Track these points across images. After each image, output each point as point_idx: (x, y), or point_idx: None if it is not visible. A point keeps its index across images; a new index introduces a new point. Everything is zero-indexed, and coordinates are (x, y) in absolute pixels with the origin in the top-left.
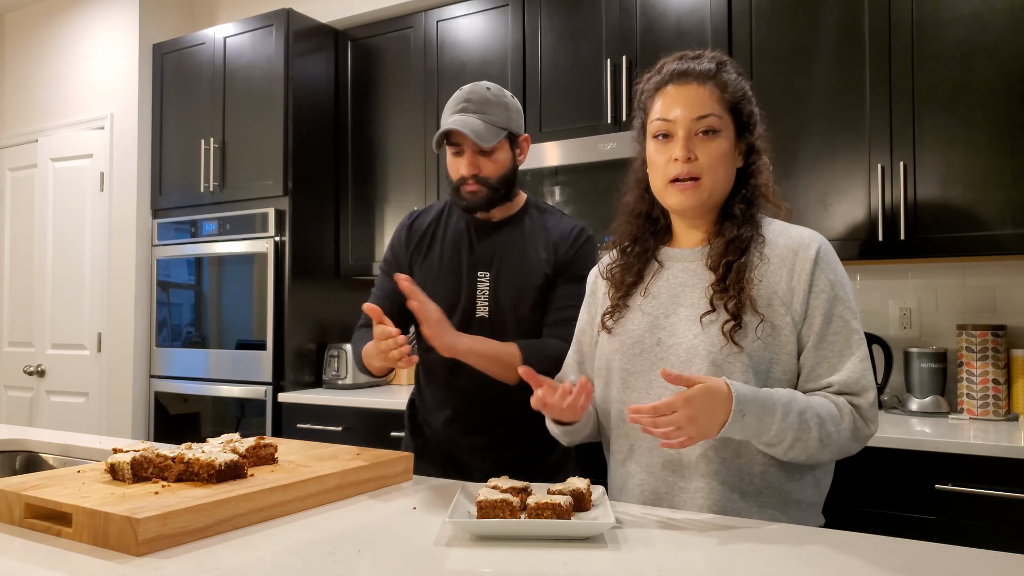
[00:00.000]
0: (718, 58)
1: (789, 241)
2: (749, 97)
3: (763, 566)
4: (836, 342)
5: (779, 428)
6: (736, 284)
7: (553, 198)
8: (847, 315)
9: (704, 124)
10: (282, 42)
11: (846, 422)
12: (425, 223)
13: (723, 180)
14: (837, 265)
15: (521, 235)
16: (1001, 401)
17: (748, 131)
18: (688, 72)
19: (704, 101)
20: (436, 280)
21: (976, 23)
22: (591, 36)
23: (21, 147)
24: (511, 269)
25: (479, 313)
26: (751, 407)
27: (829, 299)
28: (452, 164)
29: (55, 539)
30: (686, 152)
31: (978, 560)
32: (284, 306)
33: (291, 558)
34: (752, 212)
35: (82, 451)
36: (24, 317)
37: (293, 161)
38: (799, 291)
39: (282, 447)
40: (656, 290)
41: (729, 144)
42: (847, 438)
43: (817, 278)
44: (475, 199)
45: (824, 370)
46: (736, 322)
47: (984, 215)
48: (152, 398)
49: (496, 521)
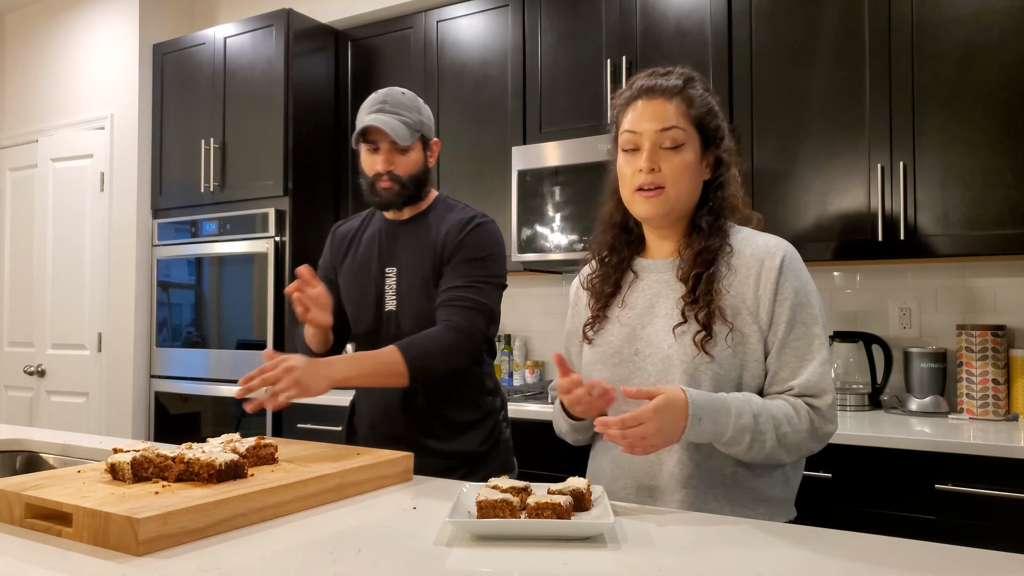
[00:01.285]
0: (686, 75)
1: (755, 250)
2: (715, 112)
3: (763, 566)
4: (798, 347)
5: (735, 429)
6: (705, 295)
7: (553, 198)
8: (809, 321)
9: (668, 137)
10: (282, 42)
11: (803, 423)
12: (347, 230)
13: (688, 191)
14: (802, 272)
15: (423, 230)
16: (1001, 401)
17: (714, 144)
18: (655, 88)
19: (669, 115)
20: (353, 279)
21: (976, 23)
22: (591, 36)
23: (21, 147)
24: (410, 263)
25: (387, 307)
26: (706, 412)
27: (792, 306)
28: (368, 161)
29: (55, 539)
30: (650, 163)
31: (978, 560)
32: (284, 306)
33: (291, 558)
34: (719, 223)
35: (82, 451)
36: (24, 317)
37: (293, 161)
38: (765, 300)
39: (282, 447)
40: (632, 301)
41: (694, 157)
42: (804, 438)
43: (782, 286)
44: (388, 195)
45: (786, 374)
46: (707, 332)
47: (984, 215)
48: (152, 398)
49: (496, 521)
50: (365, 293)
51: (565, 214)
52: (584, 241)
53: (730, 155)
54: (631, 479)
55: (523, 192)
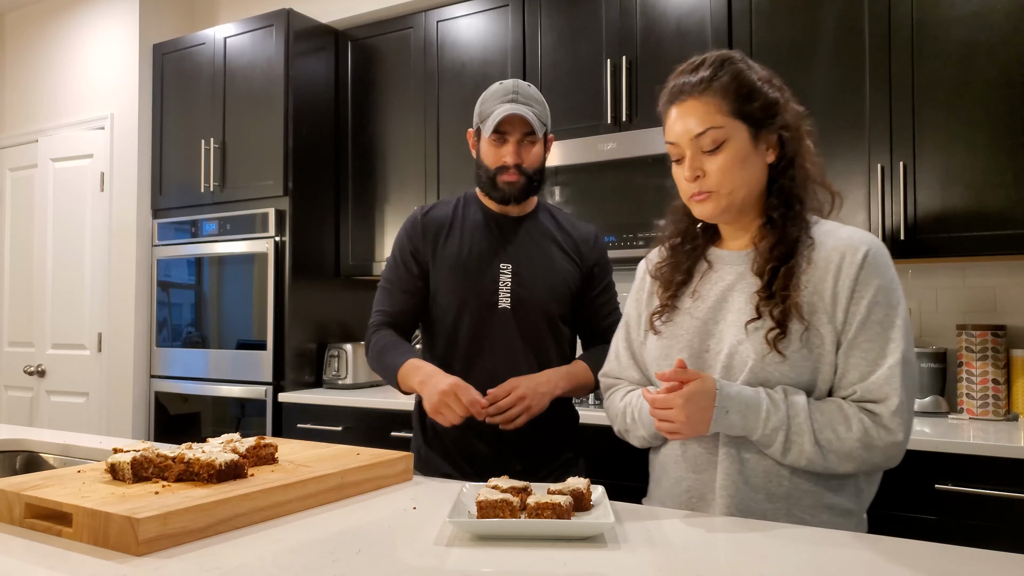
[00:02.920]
0: (718, 60)
1: (837, 243)
2: (757, 91)
3: (763, 565)
4: (869, 349)
5: (765, 427)
6: (782, 291)
7: (553, 198)
8: (885, 322)
9: (706, 140)
10: (282, 42)
11: (853, 431)
12: (440, 215)
13: (742, 185)
14: (887, 270)
15: (540, 231)
16: (1001, 401)
17: (769, 123)
18: (684, 88)
19: (702, 117)
20: (456, 269)
21: (976, 23)
22: (591, 36)
23: (21, 147)
24: (535, 263)
25: (501, 304)
26: (735, 405)
27: (869, 305)
28: (493, 153)
29: (55, 539)
30: (692, 172)
31: (978, 560)
32: (284, 306)
33: (291, 558)
34: (793, 212)
35: (82, 451)
36: (24, 317)
37: (293, 161)
38: (842, 297)
39: (282, 447)
40: (705, 292)
41: (742, 147)
42: (856, 447)
43: (861, 283)
44: (512, 189)
45: (854, 377)
46: (781, 330)
47: (984, 215)
48: (152, 398)
49: (496, 521)
50: (474, 288)
51: None
52: None
53: (791, 129)
54: (690, 481)
55: None
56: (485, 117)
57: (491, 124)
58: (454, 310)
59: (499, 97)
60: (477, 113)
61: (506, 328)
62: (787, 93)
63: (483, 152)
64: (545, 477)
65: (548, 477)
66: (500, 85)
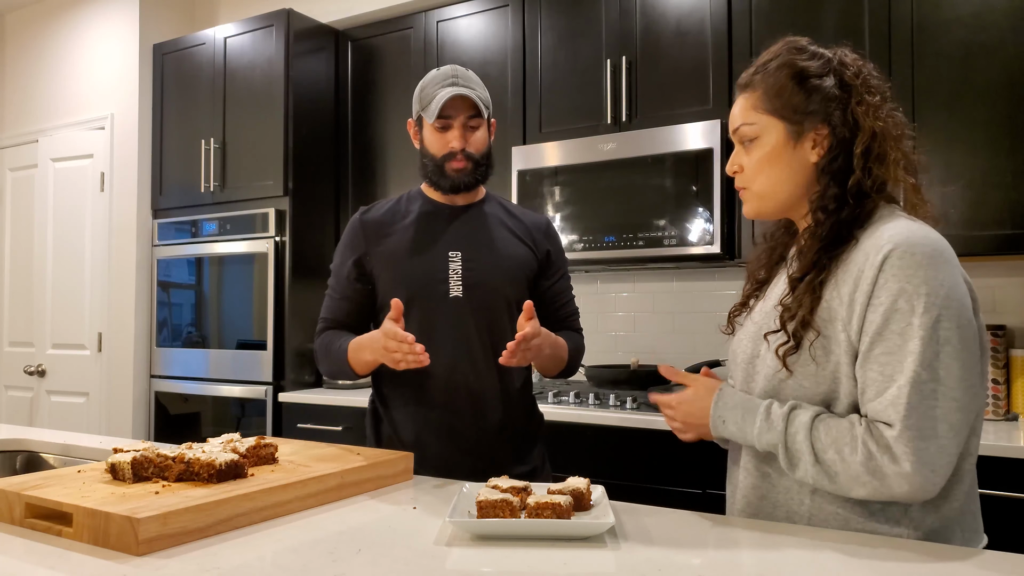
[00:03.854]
0: (772, 52)
1: (870, 242)
2: (802, 84)
3: (763, 565)
4: (887, 363)
5: (760, 442)
6: (799, 303)
7: (553, 198)
8: (907, 332)
9: (741, 135)
10: (282, 42)
11: (858, 454)
12: (381, 213)
13: (776, 182)
14: (915, 272)
15: (490, 218)
16: (1001, 401)
17: (808, 118)
18: (739, 84)
19: (739, 111)
20: (401, 262)
21: (976, 23)
22: (591, 36)
23: (21, 147)
24: (486, 248)
25: (452, 293)
26: (732, 416)
27: (887, 312)
28: (439, 139)
29: (55, 539)
30: (731, 165)
31: (978, 560)
32: (284, 306)
33: (291, 558)
34: (834, 215)
35: (82, 451)
36: (24, 317)
37: (293, 161)
38: (858, 305)
39: (282, 447)
40: (770, 294)
41: (776, 145)
42: (860, 472)
43: (880, 288)
44: (460, 175)
45: (871, 394)
46: (795, 343)
47: (984, 215)
48: (152, 398)
49: (496, 521)
50: (422, 279)
51: (565, 214)
52: (584, 241)
53: (851, 125)
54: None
55: (523, 192)
56: (427, 103)
57: (435, 109)
58: (404, 304)
59: (439, 82)
60: (417, 100)
61: (460, 317)
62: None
63: (427, 140)
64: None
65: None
66: (438, 71)
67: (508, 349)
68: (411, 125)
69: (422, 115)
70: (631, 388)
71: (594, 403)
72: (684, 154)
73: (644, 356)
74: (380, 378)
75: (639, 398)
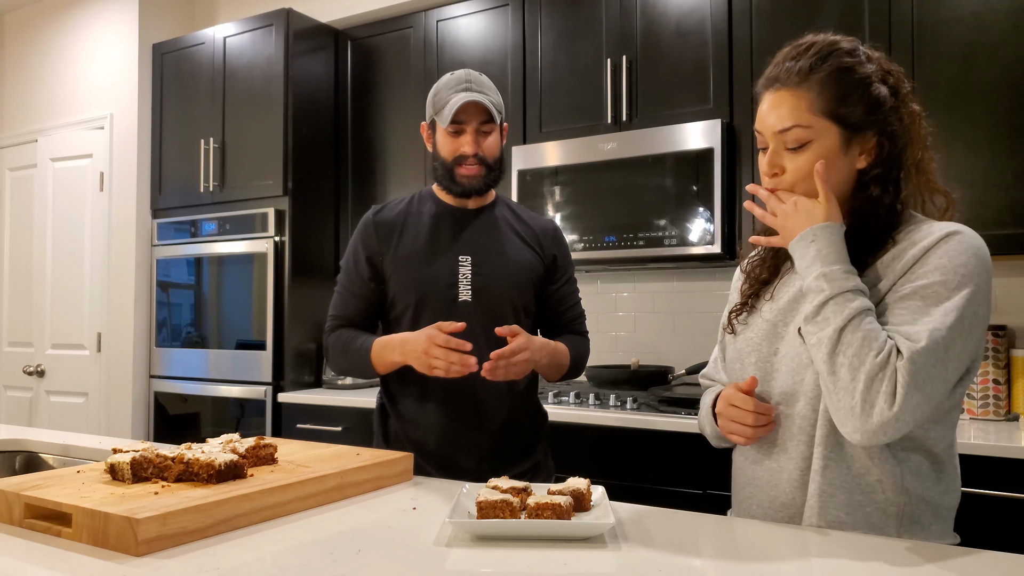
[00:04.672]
0: (825, 49)
1: (916, 236)
2: (862, 89)
3: (762, 565)
4: (913, 308)
5: (823, 283)
6: None
7: (553, 198)
8: (944, 293)
9: (790, 137)
10: (282, 42)
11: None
12: (393, 214)
13: None
14: (965, 257)
15: (499, 222)
16: (1001, 401)
17: (867, 127)
18: (779, 77)
19: (790, 111)
20: (412, 265)
21: (976, 23)
22: (591, 36)
23: (21, 147)
24: (495, 253)
25: (461, 297)
26: (824, 243)
27: (927, 277)
28: (451, 144)
29: (55, 539)
30: (771, 167)
31: (978, 560)
32: (284, 306)
33: (291, 558)
34: (877, 223)
35: (82, 451)
36: (24, 317)
37: (293, 161)
38: (902, 271)
39: (282, 447)
40: (780, 294)
41: (827, 152)
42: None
43: (924, 261)
44: (472, 181)
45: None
46: None
47: (984, 215)
48: (152, 398)
49: (496, 521)
50: (434, 281)
51: (565, 214)
52: (584, 241)
53: (898, 135)
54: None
55: (523, 192)
56: (440, 108)
57: (448, 114)
58: (413, 307)
59: (453, 87)
60: (431, 104)
61: (467, 321)
62: (906, 89)
63: (439, 144)
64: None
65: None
66: (452, 75)
67: (484, 368)
68: (424, 128)
69: (435, 119)
70: (631, 388)
71: (594, 403)
72: (684, 154)
73: (644, 356)
74: (388, 377)
75: (639, 398)
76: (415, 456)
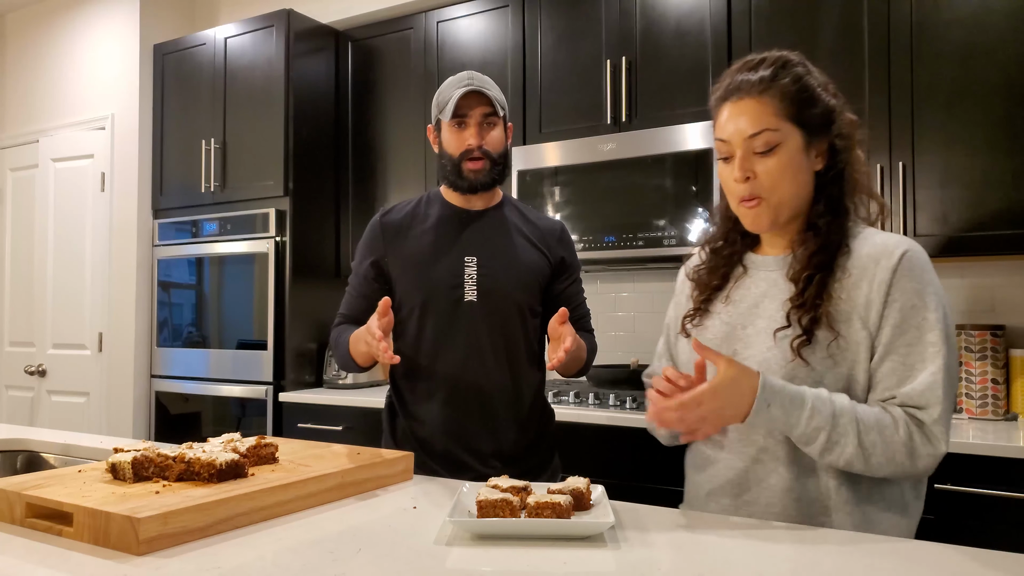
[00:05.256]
0: (779, 61)
1: (872, 249)
2: (815, 97)
3: (762, 565)
4: (908, 354)
5: (807, 426)
6: (814, 299)
7: (553, 198)
8: (924, 326)
9: (760, 141)
10: (282, 43)
11: (899, 434)
12: (400, 215)
13: (791, 193)
14: (924, 273)
15: (505, 223)
16: (1000, 401)
17: (823, 131)
18: (741, 86)
19: (758, 117)
20: (418, 266)
21: (975, 24)
22: (591, 36)
23: (22, 147)
24: (501, 254)
25: (467, 298)
26: (778, 399)
27: (903, 309)
28: (456, 138)
29: (56, 539)
30: (743, 172)
31: (978, 560)
32: (285, 306)
33: (291, 558)
34: (839, 221)
35: (83, 451)
36: (25, 317)
37: (293, 161)
38: (876, 302)
39: (283, 447)
40: (737, 297)
41: (794, 153)
42: (900, 452)
43: (895, 287)
44: (478, 175)
45: (891, 383)
46: (807, 337)
47: (984, 215)
48: (153, 398)
49: (496, 521)
50: (438, 283)
51: (565, 214)
52: (584, 241)
53: (845, 139)
54: (727, 493)
55: (523, 192)
56: (443, 104)
57: (451, 107)
58: (419, 307)
59: (455, 84)
60: (435, 105)
61: (473, 321)
62: (842, 100)
63: (445, 141)
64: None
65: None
66: (454, 76)
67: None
68: (430, 131)
69: (440, 118)
70: (631, 388)
71: (594, 403)
72: (684, 154)
73: (644, 356)
74: (396, 376)
75: (639, 398)
76: (422, 454)
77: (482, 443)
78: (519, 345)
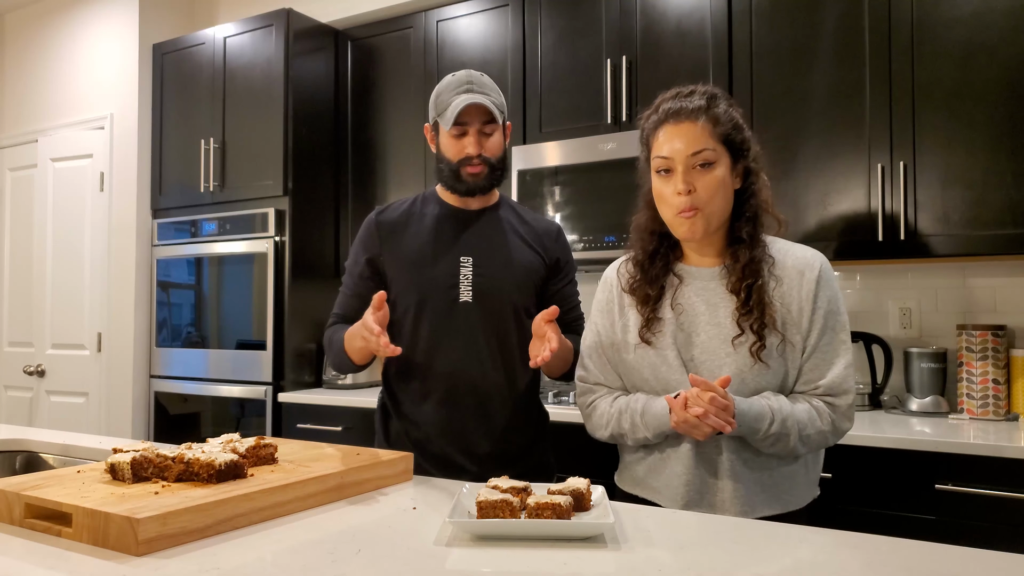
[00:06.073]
0: (709, 93)
1: (795, 262)
2: (740, 126)
3: (763, 565)
4: (826, 351)
5: (765, 435)
6: (758, 306)
7: (553, 198)
8: (838, 327)
9: (700, 158)
10: (282, 42)
11: (824, 424)
12: (396, 214)
13: (721, 206)
14: (833, 282)
15: (501, 223)
16: (1001, 401)
17: (743, 156)
18: (681, 111)
19: (698, 137)
20: (413, 266)
21: (976, 23)
22: (591, 36)
23: (21, 147)
24: (496, 255)
25: (462, 298)
26: (744, 421)
27: (825, 314)
28: (455, 145)
29: (55, 539)
30: (686, 185)
31: (978, 560)
32: (284, 306)
33: (291, 558)
34: (757, 232)
35: (82, 451)
36: (24, 317)
37: (293, 161)
38: (806, 310)
39: (282, 447)
40: (683, 304)
41: (725, 172)
42: (825, 436)
43: (818, 296)
44: (477, 180)
45: (814, 376)
46: (761, 343)
47: (984, 215)
48: (152, 398)
49: (496, 521)
50: (433, 283)
51: (565, 214)
52: (584, 241)
53: (757, 163)
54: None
55: (523, 192)
56: (443, 110)
57: (451, 117)
58: (414, 307)
59: (455, 89)
60: (433, 106)
61: (468, 321)
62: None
63: (443, 146)
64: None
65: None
66: (453, 77)
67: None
68: (427, 130)
69: (438, 121)
70: None
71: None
72: None
73: None
74: (390, 377)
75: None
76: (416, 456)
77: (478, 444)
78: (514, 345)
